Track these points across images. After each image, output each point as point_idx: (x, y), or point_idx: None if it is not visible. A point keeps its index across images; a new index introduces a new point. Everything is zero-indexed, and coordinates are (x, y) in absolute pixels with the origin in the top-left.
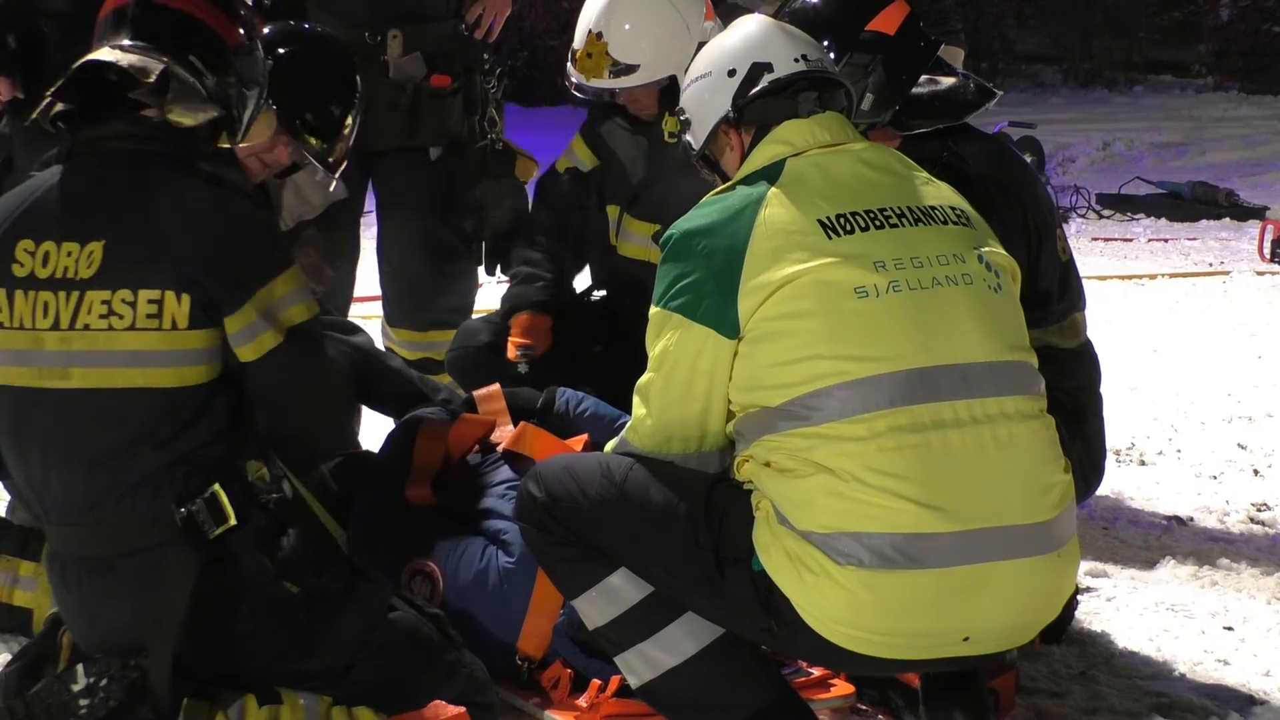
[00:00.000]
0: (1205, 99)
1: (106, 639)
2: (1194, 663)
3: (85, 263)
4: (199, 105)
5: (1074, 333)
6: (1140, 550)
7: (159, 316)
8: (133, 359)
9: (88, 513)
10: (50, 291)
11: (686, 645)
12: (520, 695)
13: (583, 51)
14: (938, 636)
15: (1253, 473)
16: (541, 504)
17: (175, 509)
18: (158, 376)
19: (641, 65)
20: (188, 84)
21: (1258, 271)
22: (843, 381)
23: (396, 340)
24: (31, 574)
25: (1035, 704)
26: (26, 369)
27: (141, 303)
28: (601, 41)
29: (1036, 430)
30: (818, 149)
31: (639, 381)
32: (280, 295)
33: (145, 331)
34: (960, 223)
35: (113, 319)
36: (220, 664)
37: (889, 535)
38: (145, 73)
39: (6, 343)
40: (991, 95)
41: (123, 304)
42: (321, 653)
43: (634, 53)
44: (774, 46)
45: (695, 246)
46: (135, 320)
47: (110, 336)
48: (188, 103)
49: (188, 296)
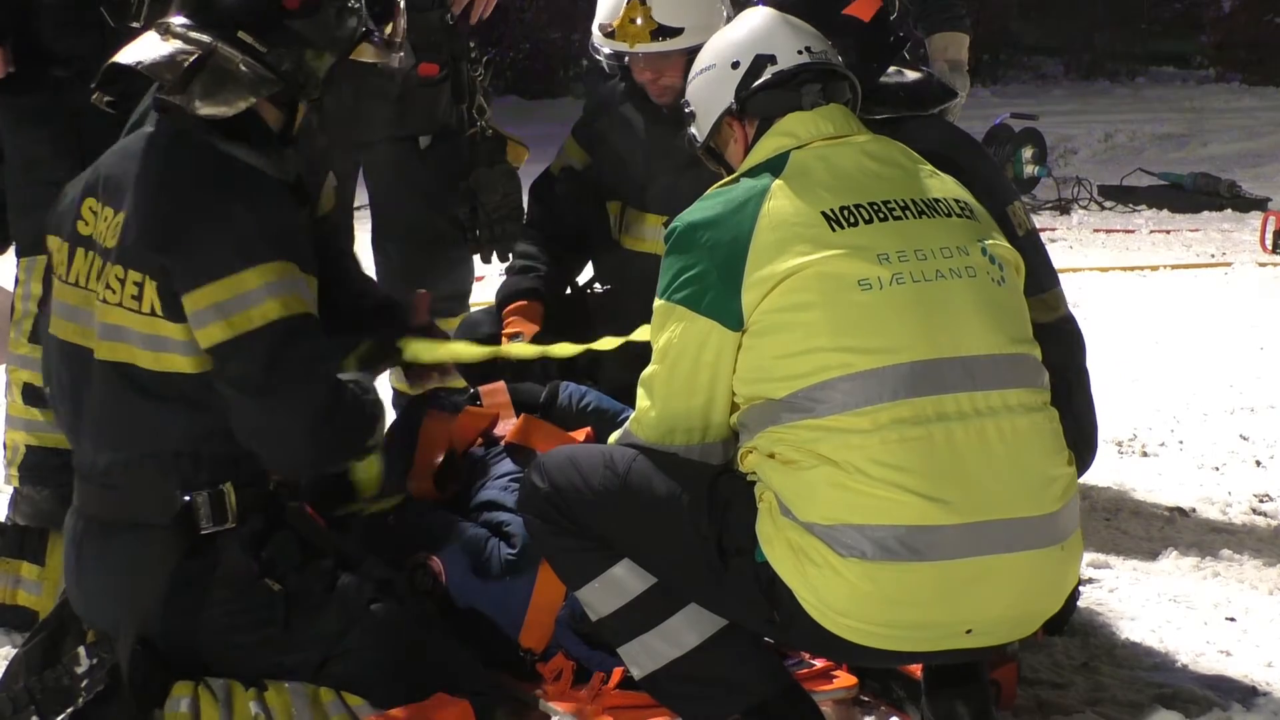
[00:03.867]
0: (1207, 90)
1: (92, 611)
2: (1196, 654)
3: (112, 232)
4: (236, 92)
5: (1050, 307)
6: (1142, 541)
7: (139, 299)
8: (120, 334)
9: (102, 475)
10: (96, 254)
11: (689, 636)
12: (523, 687)
13: (623, 19)
14: (940, 629)
15: (1255, 464)
16: (545, 495)
17: (179, 494)
18: (142, 357)
19: (686, 28)
20: (224, 71)
21: (1259, 263)
22: (846, 374)
23: None
24: (35, 577)
25: (1037, 695)
26: (74, 325)
27: (129, 283)
28: (645, 6)
29: (1040, 423)
30: (821, 141)
31: (643, 373)
32: (247, 289)
33: (129, 311)
34: (964, 215)
35: (107, 293)
36: (195, 653)
37: (892, 527)
38: (168, 70)
39: (62, 295)
40: (953, 95)
41: (115, 280)
42: (298, 648)
43: (680, 14)
44: (778, 39)
45: (699, 239)
46: (123, 299)
47: (105, 310)
48: (220, 94)
49: (154, 284)
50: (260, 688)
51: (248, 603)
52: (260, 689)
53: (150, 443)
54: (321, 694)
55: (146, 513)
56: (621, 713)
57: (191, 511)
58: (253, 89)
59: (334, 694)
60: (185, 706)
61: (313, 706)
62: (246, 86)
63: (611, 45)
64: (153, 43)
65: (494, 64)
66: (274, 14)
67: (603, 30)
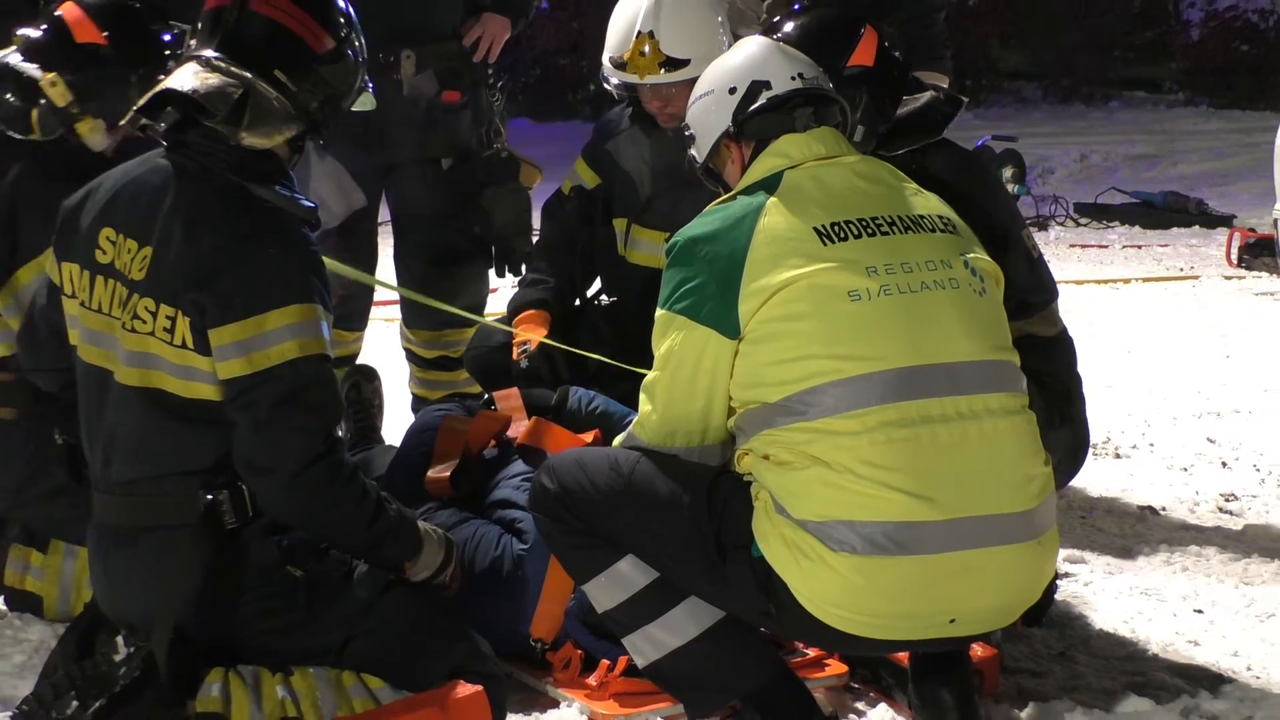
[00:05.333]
0: (1176, 114)
1: (124, 610)
2: (1166, 644)
3: (139, 265)
4: (275, 126)
5: (1052, 321)
6: (1116, 538)
7: (171, 332)
8: (151, 361)
9: (124, 487)
10: (120, 284)
11: (690, 627)
12: (533, 674)
13: (633, 51)
14: (926, 619)
15: (1221, 465)
16: (554, 495)
17: (201, 494)
18: (172, 384)
19: (693, 59)
20: (265, 106)
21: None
22: (837, 379)
23: (414, 340)
24: (41, 564)
25: (1018, 683)
26: (99, 350)
27: (160, 316)
28: (654, 39)
29: (1019, 425)
30: (813, 161)
31: (645, 380)
32: (268, 329)
33: (162, 343)
34: (947, 231)
35: (136, 322)
36: (228, 642)
37: (880, 523)
38: (221, 100)
39: (87, 321)
40: (960, 103)
41: (146, 312)
42: (321, 630)
43: (686, 47)
44: (772, 65)
45: (699, 252)
46: (155, 330)
47: (134, 338)
48: (263, 126)
49: (187, 320)
50: (286, 673)
51: (272, 590)
52: (286, 674)
53: (178, 459)
54: (344, 678)
55: (171, 517)
56: (626, 699)
57: (215, 510)
58: (286, 125)
59: (355, 678)
60: (216, 691)
61: (336, 689)
62: (282, 121)
63: (621, 76)
64: (198, 73)
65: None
66: (305, 58)
67: (613, 62)
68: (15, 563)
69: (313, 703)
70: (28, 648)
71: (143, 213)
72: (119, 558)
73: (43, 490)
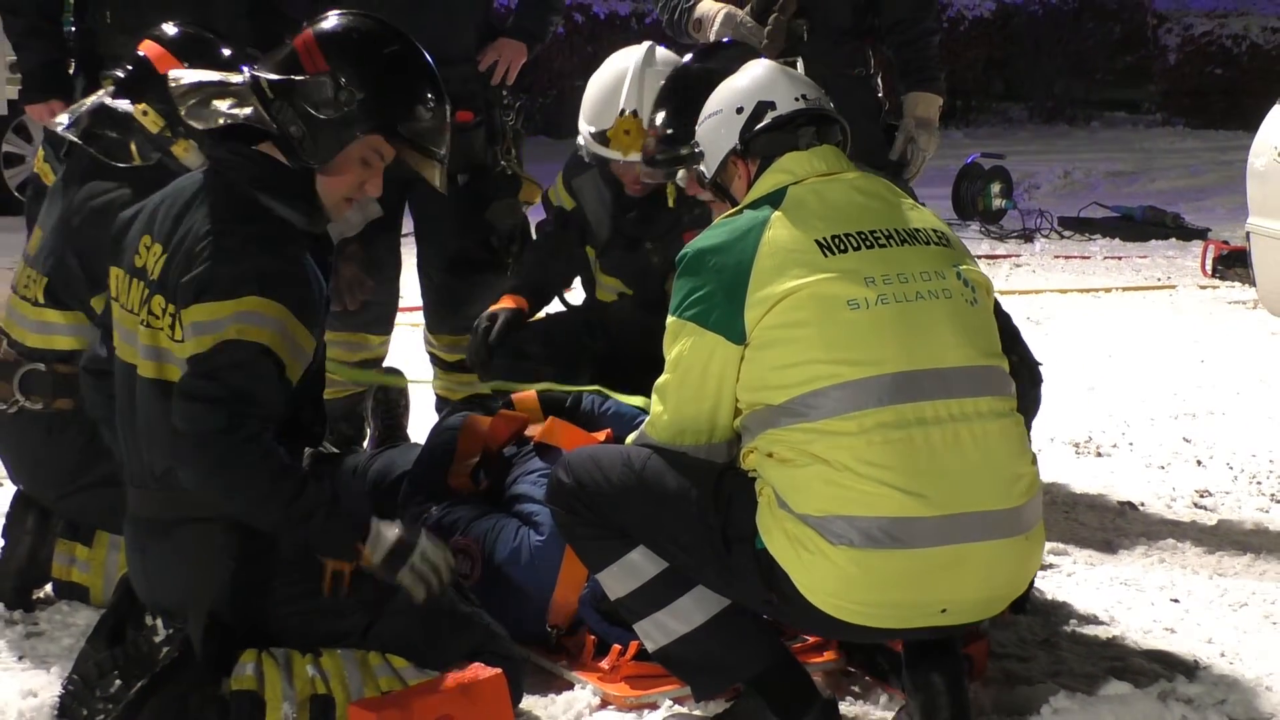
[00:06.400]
0: (1155, 133)
1: (161, 598)
2: (1144, 631)
3: (158, 265)
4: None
5: None
6: (1097, 532)
7: (173, 327)
8: (163, 355)
9: (157, 480)
10: (144, 284)
11: (697, 614)
12: (549, 658)
13: (617, 129)
14: (919, 608)
15: (1196, 463)
16: (570, 489)
17: None
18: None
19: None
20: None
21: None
22: (837, 383)
23: (438, 345)
24: (86, 558)
25: (1005, 668)
26: (128, 346)
27: (166, 313)
28: (637, 119)
29: (1007, 427)
30: (815, 177)
31: (657, 382)
32: (222, 315)
33: (171, 339)
34: (941, 243)
35: (151, 319)
36: (260, 626)
37: (877, 519)
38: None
39: (122, 320)
40: None
41: (159, 309)
42: (348, 613)
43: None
44: (777, 87)
45: (707, 263)
46: (164, 326)
47: (150, 334)
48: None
49: (178, 322)
50: (316, 654)
51: (302, 574)
52: (316, 655)
53: None
54: (370, 658)
55: (202, 509)
56: (637, 681)
57: None
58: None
59: (381, 658)
60: (250, 671)
61: (362, 669)
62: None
63: (605, 152)
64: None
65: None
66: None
67: (595, 137)
68: (61, 556)
69: (341, 681)
70: (75, 631)
71: (170, 219)
72: (154, 550)
73: (92, 479)
